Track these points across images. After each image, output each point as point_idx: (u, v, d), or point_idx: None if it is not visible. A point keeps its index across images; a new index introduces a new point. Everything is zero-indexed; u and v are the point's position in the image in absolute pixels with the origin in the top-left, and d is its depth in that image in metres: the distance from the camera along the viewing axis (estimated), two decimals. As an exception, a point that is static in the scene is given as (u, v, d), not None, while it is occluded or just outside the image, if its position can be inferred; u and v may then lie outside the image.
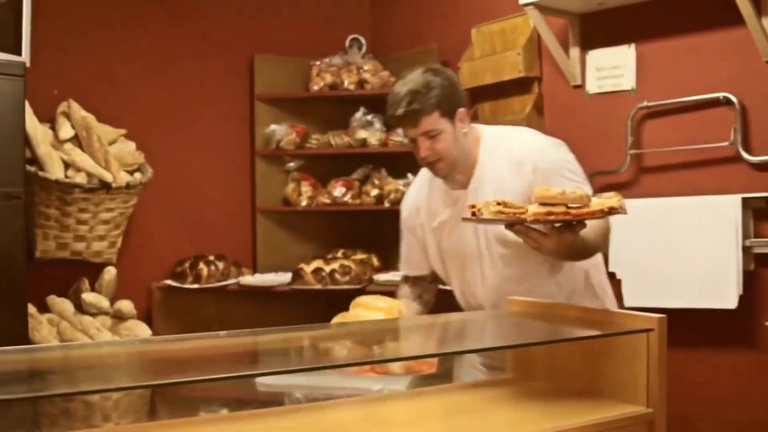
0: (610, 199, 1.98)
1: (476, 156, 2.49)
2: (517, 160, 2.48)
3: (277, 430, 1.86)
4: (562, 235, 2.06)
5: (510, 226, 2.09)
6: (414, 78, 2.38)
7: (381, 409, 2.09)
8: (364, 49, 4.68)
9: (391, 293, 2.76)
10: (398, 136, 4.33)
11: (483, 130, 2.56)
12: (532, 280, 2.53)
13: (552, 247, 2.10)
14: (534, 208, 1.93)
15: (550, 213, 1.92)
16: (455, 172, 2.48)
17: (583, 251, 2.29)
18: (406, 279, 2.80)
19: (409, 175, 4.34)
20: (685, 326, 3.12)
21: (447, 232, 2.59)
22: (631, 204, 3.25)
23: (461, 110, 2.42)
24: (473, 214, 2.03)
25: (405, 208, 2.74)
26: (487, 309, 2.58)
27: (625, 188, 3.46)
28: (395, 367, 2.21)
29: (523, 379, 2.18)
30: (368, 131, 4.41)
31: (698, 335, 3.22)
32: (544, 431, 1.77)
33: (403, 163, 4.43)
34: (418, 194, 2.67)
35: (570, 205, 1.95)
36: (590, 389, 2.03)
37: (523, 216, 1.93)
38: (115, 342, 3.38)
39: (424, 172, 2.65)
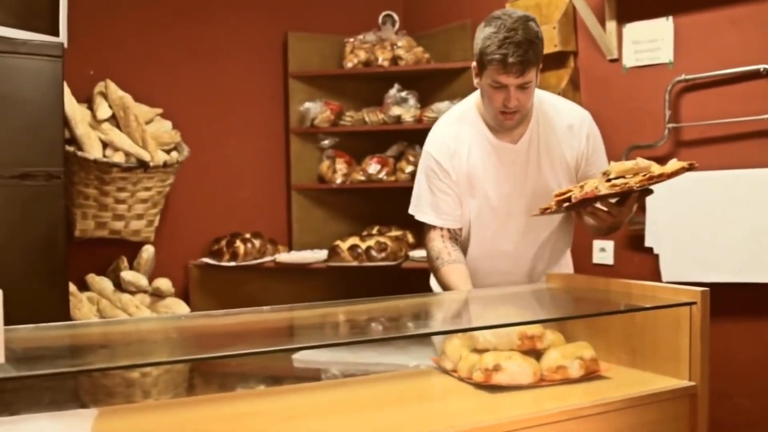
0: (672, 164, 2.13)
1: (530, 114, 2.51)
2: (569, 125, 2.54)
3: (314, 406, 1.87)
4: (635, 203, 2.25)
5: (584, 208, 2.23)
6: (524, 26, 2.32)
7: (418, 385, 2.10)
8: (397, 25, 4.66)
9: (427, 270, 2.68)
10: (432, 113, 4.31)
11: None
12: (555, 248, 2.66)
13: (626, 216, 2.28)
14: (629, 179, 2.08)
15: (650, 178, 2.07)
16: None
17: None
18: (440, 233, 2.57)
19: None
20: (725, 300, 3.09)
21: (487, 183, 2.53)
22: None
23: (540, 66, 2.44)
24: (563, 203, 2.18)
25: (438, 149, 2.56)
26: (509, 269, 2.61)
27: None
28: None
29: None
30: (402, 108, 4.40)
31: (738, 309, 3.19)
32: (586, 404, 1.77)
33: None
34: (457, 136, 2.54)
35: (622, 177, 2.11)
36: (632, 362, 2.03)
37: (629, 186, 2.07)
38: (155, 318, 3.43)
39: (459, 114, 2.60)
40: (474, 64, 2.45)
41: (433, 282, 2.78)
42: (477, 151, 2.52)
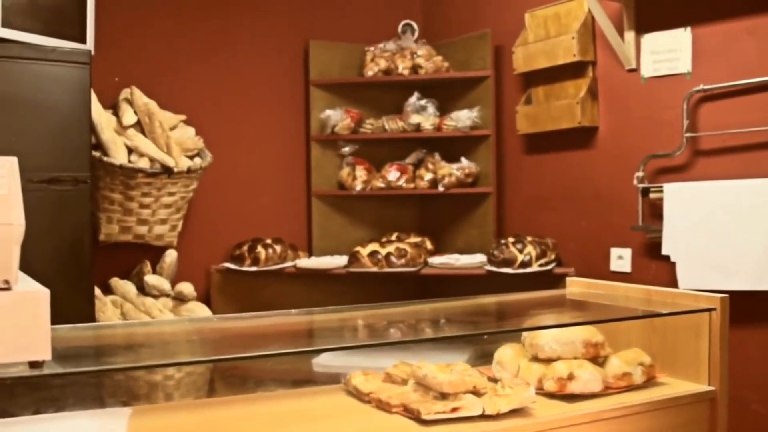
0: None
1: None
2: None
3: (333, 408, 1.90)
4: None
5: None
6: None
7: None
8: (416, 34, 4.71)
9: (446, 276, 2.68)
10: (452, 121, 4.36)
11: None
12: None
13: None
14: None
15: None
16: None
17: None
18: None
19: (463, 159, 4.38)
20: (741, 308, 3.11)
21: None
22: (687, 187, 3.29)
23: None
24: None
25: None
26: None
27: (680, 171, 3.46)
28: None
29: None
30: (422, 116, 4.44)
31: (754, 317, 3.21)
32: (607, 408, 1.80)
33: (456, 147, 4.47)
34: None
35: None
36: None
37: None
38: (178, 320, 3.47)
39: None
40: None
41: None
42: None
